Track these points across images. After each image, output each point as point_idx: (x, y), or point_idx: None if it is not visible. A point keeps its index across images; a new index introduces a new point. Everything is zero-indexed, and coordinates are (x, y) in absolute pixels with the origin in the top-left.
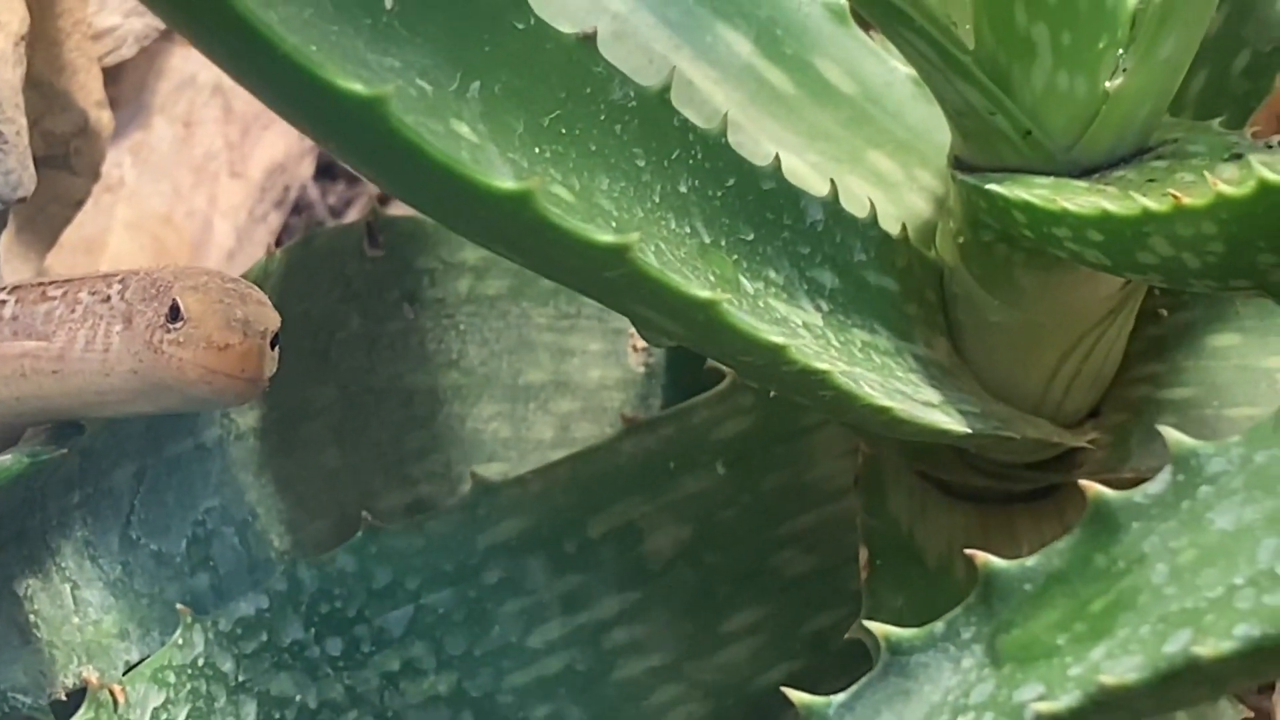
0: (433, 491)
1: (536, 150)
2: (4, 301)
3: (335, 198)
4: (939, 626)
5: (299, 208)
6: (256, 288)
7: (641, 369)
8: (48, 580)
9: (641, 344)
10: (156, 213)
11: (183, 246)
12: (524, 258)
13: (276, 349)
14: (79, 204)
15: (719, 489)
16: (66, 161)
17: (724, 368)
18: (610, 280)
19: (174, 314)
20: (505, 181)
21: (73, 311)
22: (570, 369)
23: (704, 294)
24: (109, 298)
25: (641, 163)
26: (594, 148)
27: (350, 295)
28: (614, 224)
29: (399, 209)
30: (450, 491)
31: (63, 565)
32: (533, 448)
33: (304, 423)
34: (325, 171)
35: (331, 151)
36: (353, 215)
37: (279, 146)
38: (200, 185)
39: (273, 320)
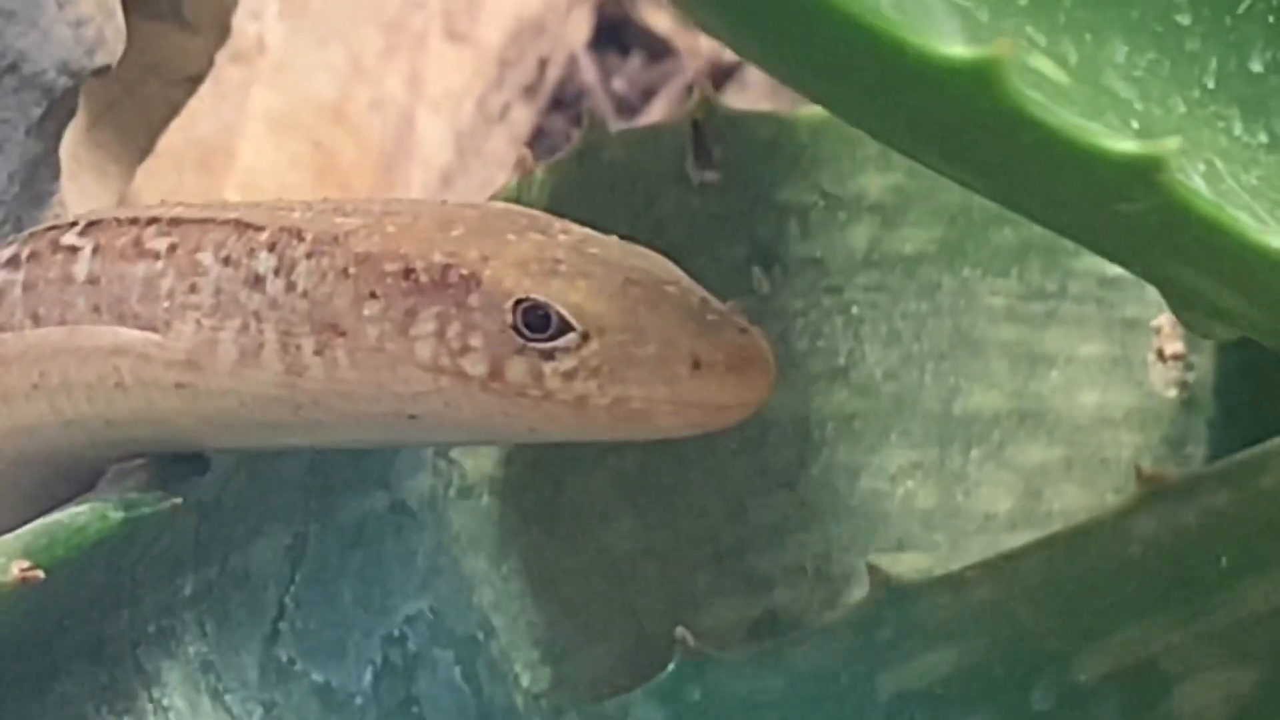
0: (795, 598)
1: None
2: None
3: (626, 81)
4: None
5: (564, 97)
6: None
7: (1174, 392)
8: None
9: (1173, 348)
10: (319, 100)
11: (362, 160)
12: (981, 177)
13: None
14: (194, 81)
15: None
16: (176, 7)
17: None
18: (1128, 221)
19: (547, 325)
20: (949, 44)
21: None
22: (1045, 389)
23: None
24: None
25: (1185, 19)
26: None
27: (662, 251)
28: (1135, 122)
29: (742, 98)
30: (828, 600)
31: (164, 703)
32: (976, 526)
33: (577, 472)
34: (610, 36)
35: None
36: (657, 111)
37: None
38: (395, 53)
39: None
